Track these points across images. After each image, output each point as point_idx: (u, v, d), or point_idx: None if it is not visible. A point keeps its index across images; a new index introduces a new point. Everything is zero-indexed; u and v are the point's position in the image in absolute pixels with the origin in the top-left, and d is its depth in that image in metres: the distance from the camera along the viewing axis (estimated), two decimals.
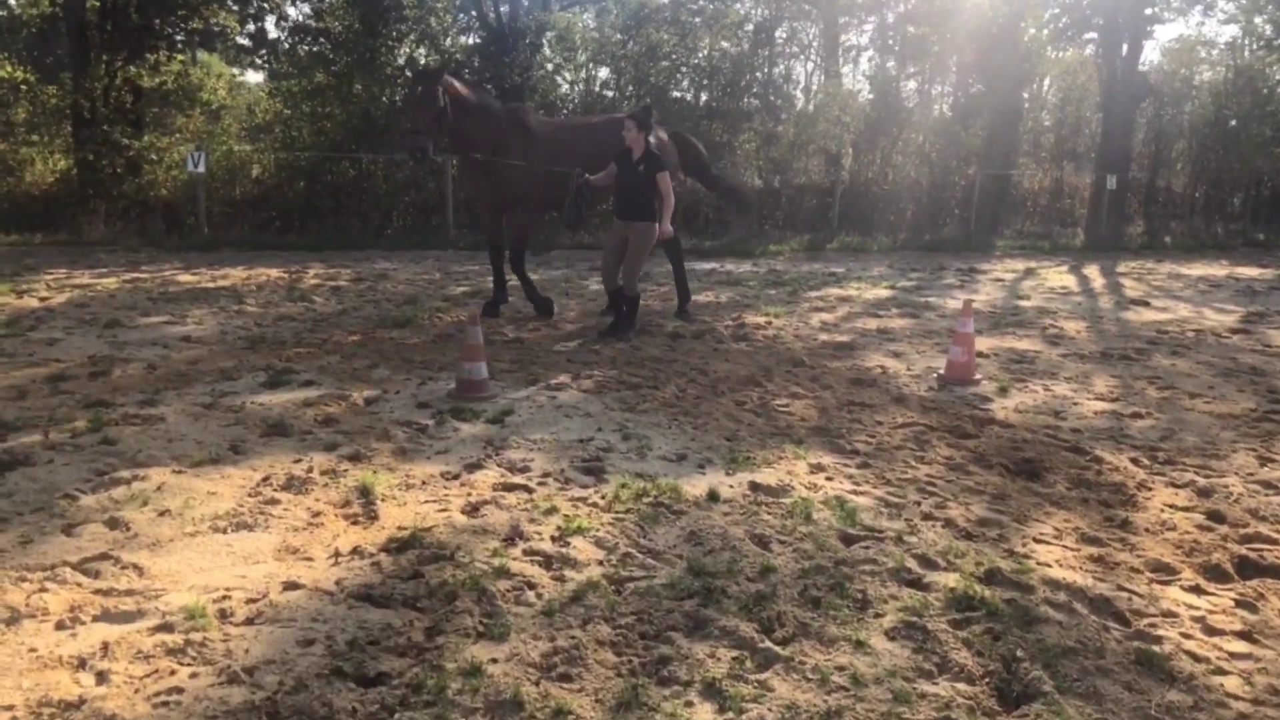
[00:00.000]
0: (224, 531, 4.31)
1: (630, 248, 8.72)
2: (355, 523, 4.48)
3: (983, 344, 9.16)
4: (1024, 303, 12.17)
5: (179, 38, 19.35)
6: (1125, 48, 24.40)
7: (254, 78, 34.32)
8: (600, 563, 4.09)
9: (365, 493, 4.78)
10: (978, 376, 7.73)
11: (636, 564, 4.09)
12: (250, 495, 4.73)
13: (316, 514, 4.53)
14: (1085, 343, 9.57)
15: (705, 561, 4.11)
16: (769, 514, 4.69)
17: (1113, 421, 6.68)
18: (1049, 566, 4.22)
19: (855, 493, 5.06)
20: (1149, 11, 24.64)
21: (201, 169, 16.02)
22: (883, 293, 12.77)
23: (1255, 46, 31.40)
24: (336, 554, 4.13)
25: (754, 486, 5.07)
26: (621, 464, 5.40)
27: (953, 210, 21.83)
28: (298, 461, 5.23)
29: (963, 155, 22.33)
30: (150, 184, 18.12)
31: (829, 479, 5.29)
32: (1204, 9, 40.84)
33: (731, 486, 5.07)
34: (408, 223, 18.28)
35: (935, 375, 7.83)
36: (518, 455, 5.49)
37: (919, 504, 4.93)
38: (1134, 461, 5.78)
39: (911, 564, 4.17)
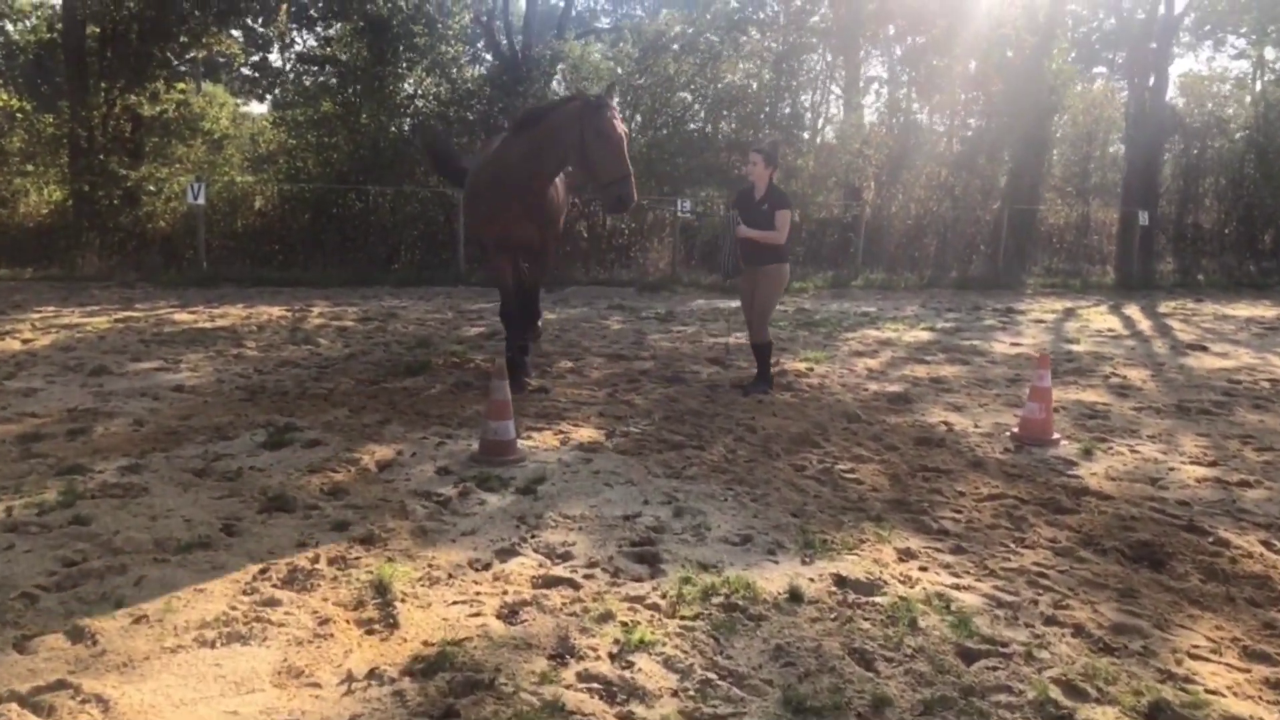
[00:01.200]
0: (212, 645, 3.54)
1: (760, 292, 8.00)
2: (371, 632, 3.70)
3: None
4: (1074, 347, 11.42)
5: (182, 66, 18.78)
6: (1152, 79, 23.85)
7: (257, 108, 33.94)
8: (674, 693, 3.31)
9: (382, 590, 4.00)
10: (1055, 435, 6.96)
11: (719, 695, 3.31)
12: (245, 593, 3.96)
13: (324, 620, 3.76)
14: (1155, 394, 8.81)
15: (803, 690, 3.33)
16: (865, 620, 3.92)
17: (1221, 492, 5.90)
18: (1222, 696, 3.44)
19: (958, 587, 4.29)
20: (1153, 45, 24.11)
21: (201, 200, 15.35)
22: (923, 335, 12.02)
23: (1266, 80, 30.95)
24: (349, 678, 3.35)
25: (839, 581, 4.30)
26: (678, 548, 4.63)
27: (978, 246, 21.14)
28: (302, 547, 4.46)
29: (986, 189, 21.68)
30: (148, 216, 17.49)
31: (923, 569, 4.51)
32: (1214, 44, 40.75)
33: (813, 581, 4.29)
34: (415, 257, 17.59)
35: (1009, 434, 7.06)
36: (556, 537, 4.71)
37: (1036, 603, 4.16)
38: (1266, 545, 4.99)
39: (1055, 693, 3.39)
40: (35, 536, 4.45)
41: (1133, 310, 15.69)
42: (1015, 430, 7.07)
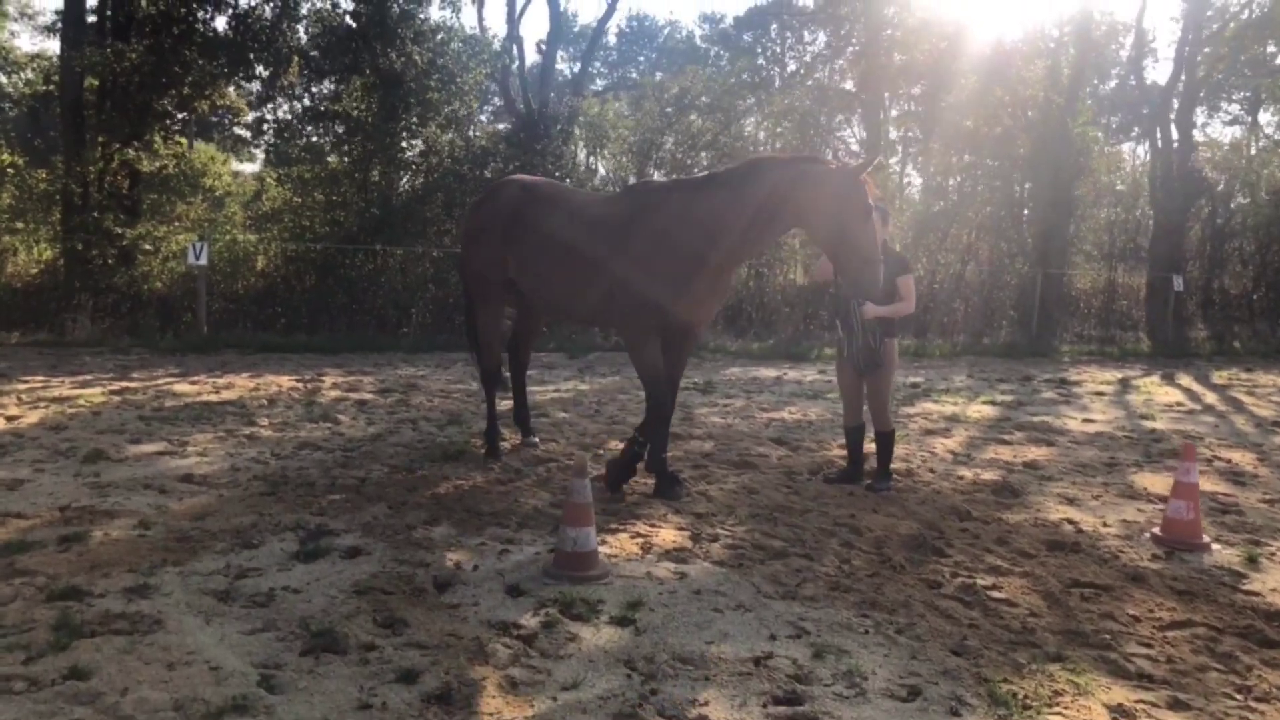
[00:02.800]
0: None
1: (875, 380, 7.03)
2: None
3: (1156, 483, 7.52)
4: (1152, 424, 10.54)
5: (177, 124, 18.00)
6: (1176, 141, 23.39)
7: (249, 167, 33.16)
8: None
9: None
10: (1205, 538, 6.04)
11: None
12: None
13: None
14: (1275, 482, 7.91)
15: None
16: None
17: None
18: None
19: None
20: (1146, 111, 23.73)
21: (203, 261, 14.44)
22: (986, 410, 11.13)
23: (1260, 146, 30.69)
24: None
25: None
26: (837, 709, 3.66)
27: (1007, 311, 20.39)
28: (365, 710, 3.47)
29: (1013, 252, 21.02)
30: (144, 276, 16.54)
31: None
32: (1208, 109, 40.72)
33: None
34: (427, 320, 16.67)
35: (1149, 536, 6.13)
36: (681, 691, 3.74)
37: None
38: None
39: None
40: (20, 699, 3.45)
41: (1187, 381, 14.86)
42: (1156, 532, 6.14)
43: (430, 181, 17.37)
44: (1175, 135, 23.45)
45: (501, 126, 18.88)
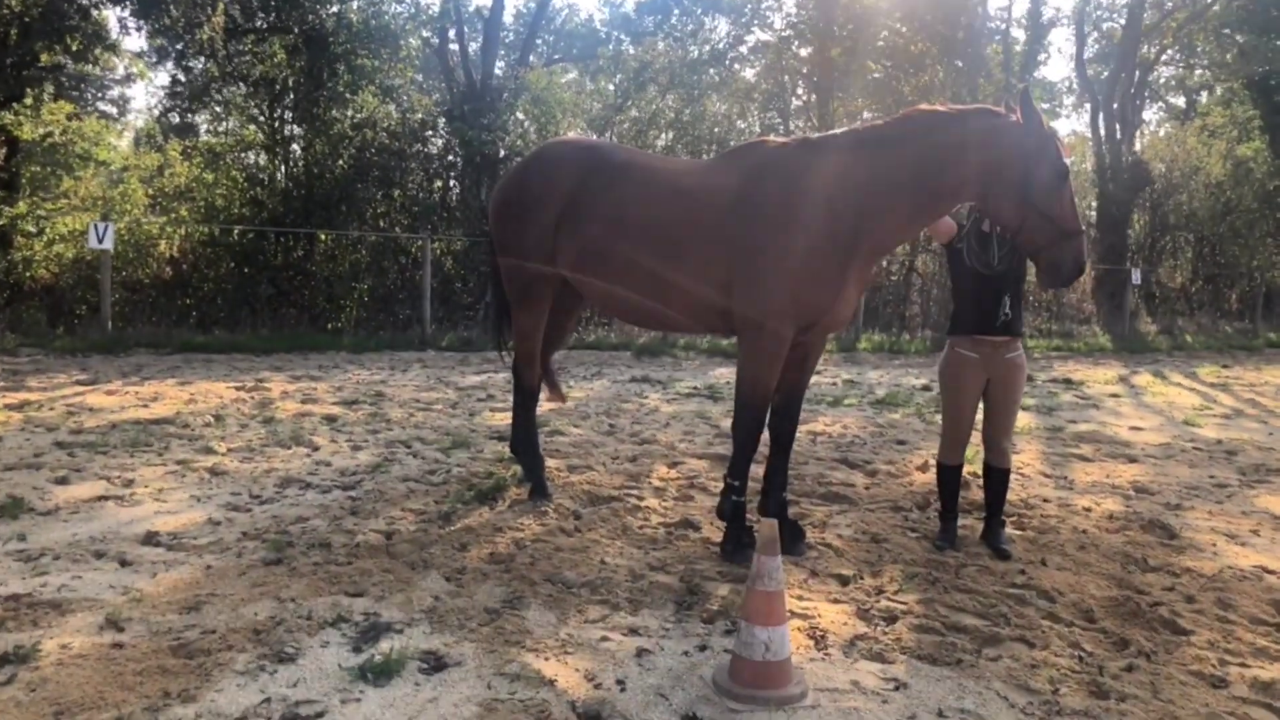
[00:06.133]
0: None
1: (1013, 385, 5.36)
2: None
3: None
4: (1202, 430, 9.69)
5: (69, 68, 15.58)
6: (1119, 131, 23.14)
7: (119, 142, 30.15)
8: None
9: None
10: None
11: None
12: None
13: None
14: None
15: None
16: None
17: None
18: None
19: None
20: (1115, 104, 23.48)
21: (108, 245, 12.29)
22: (1024, 417, 10.11)
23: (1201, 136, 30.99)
24: None
25: None
26: None
27: None
28: None
29: None
30: (25, 262, 14.22)
31: None
32: (1150, 100, 41.36)
33: None
34: (361, 314, 14.81)
35: None
36: None
37: None
38: None
39: None
40: None
41: (1181, 379, 14.29)
42: None
43: (363, 158, 15.46)
44: (1119, 126, 23.22)
45: (439, 99, 17.02)
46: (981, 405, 5.49)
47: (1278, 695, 3.76)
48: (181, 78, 15.60)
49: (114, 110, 30.98)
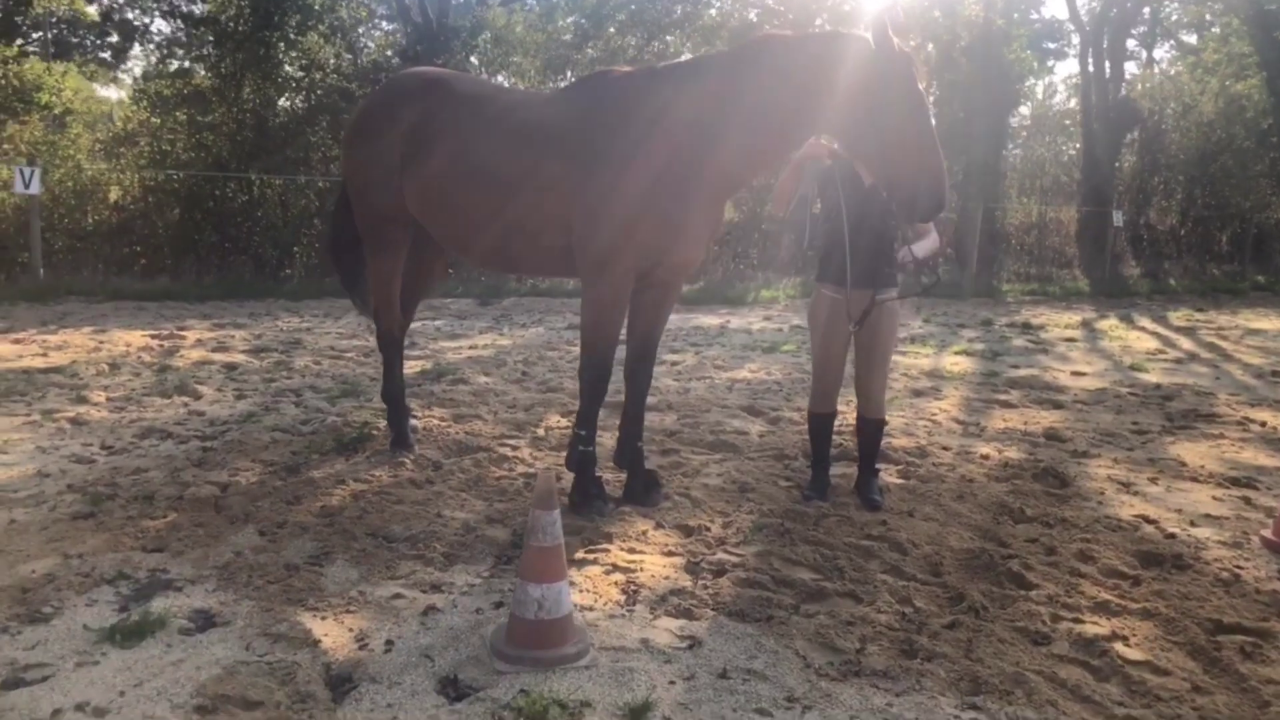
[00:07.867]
0: None
1: (883, 334, 5.06)
2: None
3: (1202, 455, 6.31)
4: (1147, 376, 9.40)
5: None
6: (1108, 69, 22.49)
7: (115, 94, 29.73)
8: None
9: None
10: None
11: None
12: None
13: None
14: None
15: None
16: None
17: None
18: None
19: None
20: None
21: (35, 189, 12.01)
22: (964, 362, 9.86)
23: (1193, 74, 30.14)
24: None
25: None
26: None
27: (944, 249, 19.24)
28: None
29: (950, 185, 19.84)
30: None
31: None
32: (1140, 40, 40.30)
33: None
34: (311, 261, 14.56)
35: (1259, 540, 4.83)
36: None
37: None
38: None
39: None
40: None
41: (1147, 323, 13.94)
42: (1268, 535, 4.83)
43: (313, 101, 15.10)
44: (1108, 64, 22.56)
45: (394, 36, 16.56)
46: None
47: (1096, 652, 3.54)
48: (135, 22, 15.27)
49: (109, 54, 30.36)
